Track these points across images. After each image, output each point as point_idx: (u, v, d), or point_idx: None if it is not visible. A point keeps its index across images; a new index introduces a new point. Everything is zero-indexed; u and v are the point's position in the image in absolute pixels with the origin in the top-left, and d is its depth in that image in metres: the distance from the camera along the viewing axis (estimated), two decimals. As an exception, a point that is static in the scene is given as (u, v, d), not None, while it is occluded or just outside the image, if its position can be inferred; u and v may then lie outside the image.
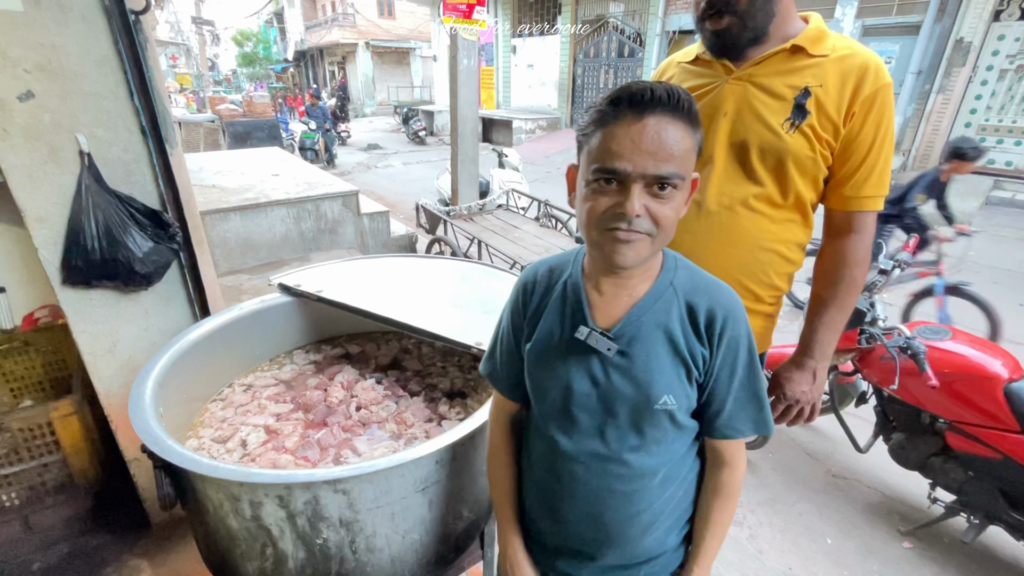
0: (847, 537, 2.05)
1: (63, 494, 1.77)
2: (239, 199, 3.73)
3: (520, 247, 3.77)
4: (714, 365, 0.77)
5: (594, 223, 0.70)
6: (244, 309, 1.51)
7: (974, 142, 3.08)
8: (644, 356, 0.75)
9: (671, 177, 0.66)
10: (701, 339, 0.76)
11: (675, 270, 0.79)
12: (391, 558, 1.06)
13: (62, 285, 1.43)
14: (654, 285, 0.77)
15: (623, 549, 0.84)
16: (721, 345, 0.76)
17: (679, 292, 0.77)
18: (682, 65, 1.18)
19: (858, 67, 0.98)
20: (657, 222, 0.68)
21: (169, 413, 1.15)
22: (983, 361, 1.75)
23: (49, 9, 1.25)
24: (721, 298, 0.77)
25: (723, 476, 0.83)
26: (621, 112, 0.66)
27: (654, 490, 0.81)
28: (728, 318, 0.76)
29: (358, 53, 23.41)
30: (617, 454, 0.79)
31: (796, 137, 1.01)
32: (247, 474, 0.90)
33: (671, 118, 0.65)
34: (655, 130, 0.65)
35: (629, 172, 0.65)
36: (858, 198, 1.05)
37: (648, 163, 0.65)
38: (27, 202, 1.33)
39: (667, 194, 0.67)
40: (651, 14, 10.49)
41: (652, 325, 0.76)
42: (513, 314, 0.88)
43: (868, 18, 7.85)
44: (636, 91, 0.65)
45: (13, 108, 1.26)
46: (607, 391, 0.77)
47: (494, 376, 0.93)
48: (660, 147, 0.64)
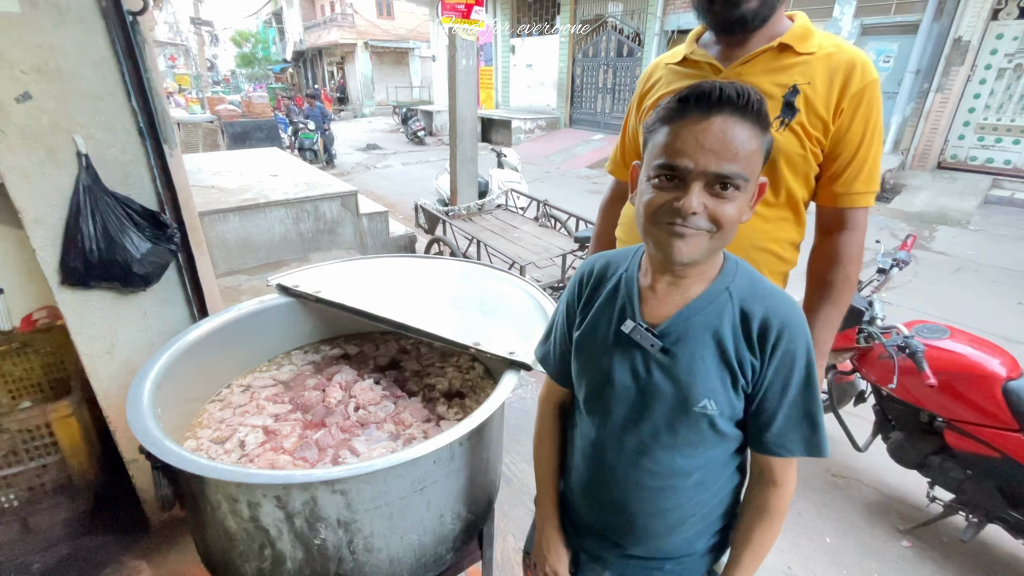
0: (846, 536, 2.05)
1: (62, 495, 1.77)
2: (238, 199, 3.73)
3: (519, 247, 3.77)
4: (764, 376, 0.74)
5: (650, 216, 0.70)
6: (242, 310, 1.51)
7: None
8: (689, 357, 0.74)
9: (734, 177, 0.65)
10: (752, 348, 0.74)
11: (734, 275, 0.77)
12: (389, 558, 1.06)
13: (60, 286, 1.43)
14: (709, 288, 0.76)
15: (647, 542, 0.85)
16: (774, 357, 0.73)
17: (735, 297, 0.75)
18: (670, 66, 1.17)
19: (845, 64, 0.99)
20: (717, 221, 0.67)
21: (167, 414, 1.15)
22: (981, 360, 1.75)
23: (46, 10, 1.25)
24: (779, 308, 0.74)
25: (769, 495, 0.80)
26: (688, 110, 0.66)
27: (686, 491, 0.80)
28: (785, 330, 0.73)
29: (357, 53, 23.41)
30: (649, 449, 0.79)
31: (786, 135, 1.01)
32: (245, 475, 0.90)
33: (739, 118, 0.65)
34: (721, 129, 0.64)
35: (691, 169, 0.65)
36: (849, 194, 1.05)
37: (711, 161, 0.64)
38: (25, 203, 1.33)
39: (729, 194, 0.67)
40: (650, 14, 10.49)
41: (701, 327, 0.74)
42: (568, 302, 0.90)
43: (866, 17, 7.86)
44: (705, 89, 0.65)
45: (11, 109, 1.26)
46: (646, 387, 0.77)
47: (546, 361, 0.96)
48: (724, 146, 0.64)
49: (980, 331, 2.06)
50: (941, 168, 7.84)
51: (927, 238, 5.73)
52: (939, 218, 6.33)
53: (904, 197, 7.03)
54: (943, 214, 6.41)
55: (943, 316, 3.73)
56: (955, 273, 4.79)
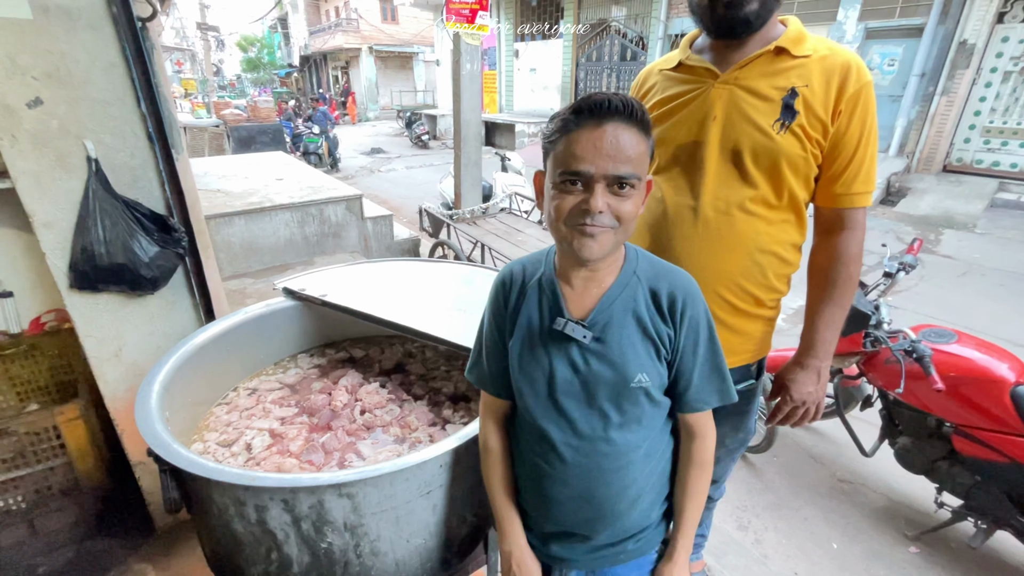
0: (853, 542, 2.04)
1: (68, 498, 1.77)
2: (243, 203, 3.75)
3: (523, 250, 3.77)
4: (679, 343, 0.84)
5: (562, 219, 0.77)
6: (249, 313, 1.52)
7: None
8: (617, 340, 0.82)
9: (629, 177, 0.74)
10: (665, 320, 0.84)
11: (636, 260, 0.87)
12: (395, 562, 1.06)
13: (69, 290, 1.44)
14: (620, 275, 0.85)
15: (614, 525, 0.89)
16: (683, 324, 0.84)
17: (642, 279, 0.85)
18: (664, 72, 1.16)
19: (840, 66, 1.00)
20: (619, 217, 0.75)
21: (175, 417, 1.16)
22: (989, 364, 1.74)
23: (58, 17, 1.26)
24: (679, 281, 0.86)
25: (696, 447, 0.91)
26: (583, 120, 0.73)
27: (638, 464, 0.87)
28: (687, 299, 0.84)
29: (361, 58, 23.54)
30: (603, 434, 0.85)
31: (787, 137, 1.01)
32: (252, 478, 0.90)
33: (627, 125, 0.73)
34: (613, 135, 0.72)
35: (592, 173, 0.73)
36: (849, 195, 1.06)
37: (608, 164, 0.72)
38: (35, 207, 1.35)
39: (626, 192, 0.75)
40: (653, 17, 10.51)
41: (622, 311, 0.83)
42: (495, 312, 0.93)
43: (871, 21, 7.85)
44: (596, 101, 0.73)
45: (22, 115, 1.28)
46: (587, 376, 0.84)
47: (483, 380, 0.97)
48: (618, 150, 0.72)
49: (987, 335, 2.05)
50: (947, 171, 7.80)
51: (933, 242, 5.70)
52: (945, 222, 6.30)
53: (909, 200, 7.00)
54: (949, 217, 6.38)
55: (949, 320, 3.71)
56: (961, 277, 4.76)
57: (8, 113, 1.26)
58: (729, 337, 1.14)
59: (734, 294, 1.11)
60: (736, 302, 1.12)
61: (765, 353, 1.23)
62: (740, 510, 2.20)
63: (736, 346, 1.16)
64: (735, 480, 2.35)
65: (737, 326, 1.14)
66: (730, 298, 1.11)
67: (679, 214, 1.11)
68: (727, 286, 1.10)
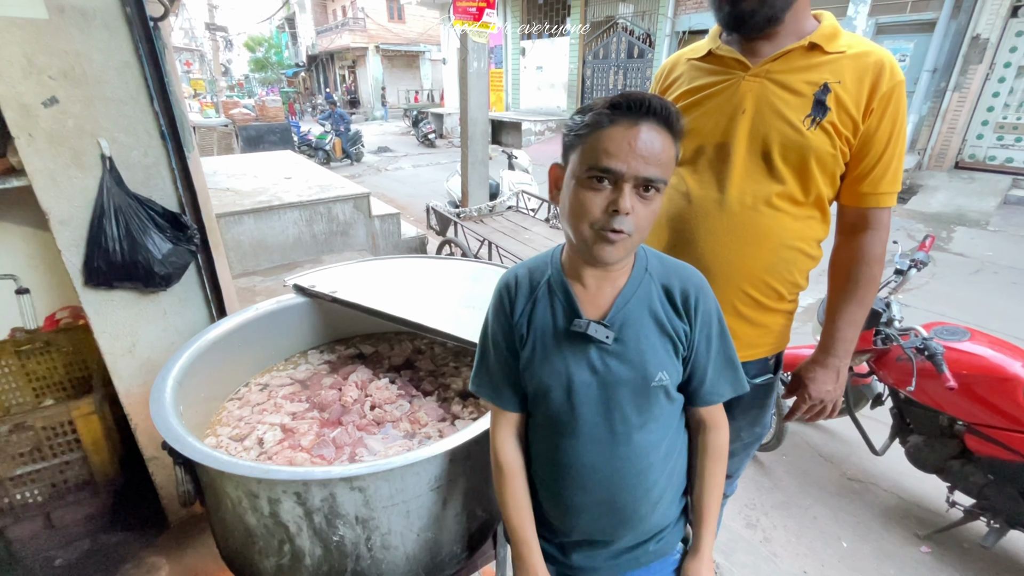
0: (863, 541, 2.02)
1: (84, 491, 1.80)
2: (253, 202, 3.78)
3: (530, 248, 3.77)
4: (694, 338, 0.84)
5: (587, 220, 0.74)
6: (260, 310, 1.53)
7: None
8: (635, 338, 0.81)
9: (657, 180, 0.72)
10: (680, 315, 0.83)
11: (647, 258, 0.86)
12: (406, 556, 1.06)
13: (84, 286, 1.46)
14: (632, 273, 0.84)
15: (636, 528, 0.88)
16: (697, 318, 0.83)
17: (655, 276, 0.84)
18: (692, 62, 1.15)
19: (874, 64, 0.98)
20: (637, 222, 0.73)
21: (188, 411, 1.17)
22: (1002, 362, 1.72)
23: (73, 17, 1.28)
24: (691, 277, 0.85)
25: (711, 438, 0.90)
26: (618, 117, 0.71)
27: (658, 465, 0.86)
28: (700, 294, 0.84)
29: (368, 57, 23.61)
30: (624, 437, 0.83)
31: (818, 134, 1.00)
32: (266, 471, 0.91)
33: (662, 127, 0.72)
34: (648, 136, 0.70)
35: (623, 172, 0.71)
36: (875, 194, 1.04)
37: (640, 165, 0.70)
38: (51, 205, 1.37)
39: (651, 196, 0.73)
40: (661, 15, 10.45)
41: (638, 309, 0.82)
42: (499, 321, 0.88)
43: (882, 16, 7.76)
44: (635, 99, 0.71)
45: (38, 113, 1.30)
46: (606, 378, 0.81)
47: (492, 394, 0.91)
48: (651, 152, 0.70)
49: (1000, 333, 2.03)
50: (959, 168, 7.70)
51: (945, 239, 5.63)
52: (957, 219, 6.22)
53: (921, 197, 6.92)
54: (961, 215, 6.30)
55: (961, 318, 3.67)
56: (974, 275, 4.70)
57: (25, 112, 1.28)
58: (748, 331, 1.13)
59: (758, 289, 1.10)
60: (759, 297, 1.11)
61: (783, 347, 1.22)
62: (749, 508, 2.20)
63: (755, 339, 1.15)
64: (744, 478, 2.34)
65: (758, 319, 1.13)
66: (754, 293, 1.10)
67: (704, 208, 1.09)
68: (751, 281, 1.09)
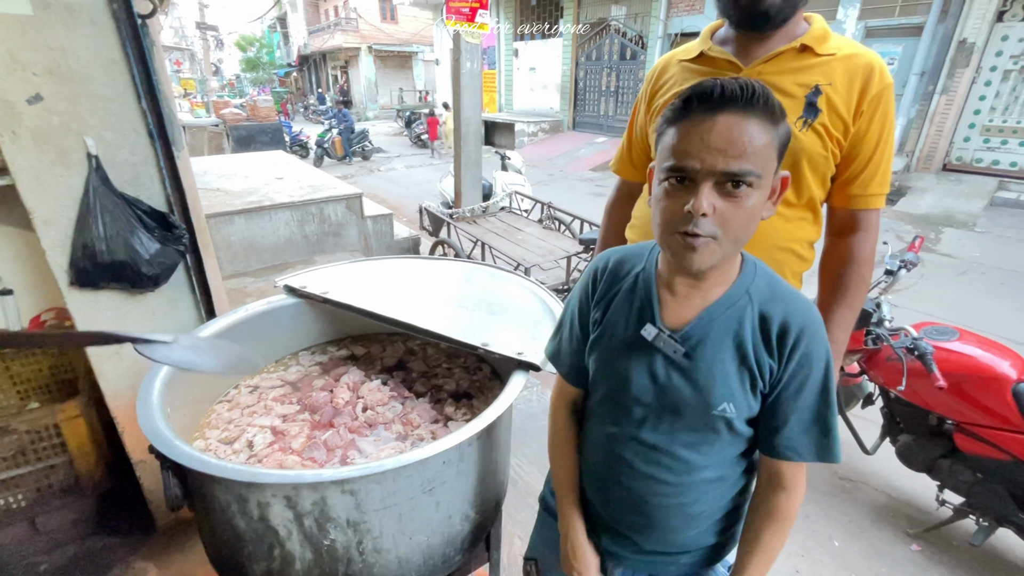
0: (854, 540, 2.04)
1: (69, 496, 1.77)
2: (243, 202, 3.74)
3: (523, 249, 3.77)
4: (781, 378, 0.74)
5: (664, 224, 0.69)
6: (250, 311, 1.51)
7: None
8: (708, 362, 0.74)
9: (744, 174, 0.64)
10: (771, 350, 0.73)
11: (753, 277, 0.76)
12: (398, 559, 1.05)
13: (70, 287, 1.43)
14: (730, 290, 0.75)
15: (664, 537, 0.85)
16: (792, 360, 0.73)
17: (754, 300, 0.74)
18: (683, 63, 1.14)
19: (864, 66, 0.99)
20: (724, 224, 0.65)
21: (176, 414, 1.15)
22: (991, 362, 1.74)
23: (58, 13, 1.26)
24: (799, 311, 0.74)
25: (779, 500, 0.79)
26: (693, 110, 0.66)
27: (705, 486, 0.81)
28: (805, 332, 0.72)
29: (361, 57, 23.53)
30: (668, 447, 0.79)
31: (809, 135, 1.00)
32: (255, 474, 0.90)
33: (745, 114, 0.64)
34: (726, 127, 0.63)
35: (697, 169, 0.64)
36: (865, 196, 1.05)
37: (718, 160, 0.63)
38: (35, 204, 1.34)
39: (741, 192, 0.65)
40: (653, 17, 10.51)
41: (722, 331, 0.74)
42: (581, 299, 0.88)
43: (871, 19, 7.85)
44: (708, 88, 0.65)
45: (22, 111, 1.27)
46: (665, 389, 0.77)
47: (557, 359, 0.94)
48: (731, 144, 0.63)
49: (988, 333, 2.05)
50: (946, 170, 7.81)
51: (933, 240, 5.70)
52: (945, 220, 6.31)
53: (909, 199, 7.00)
54: (949, 216, 6.39)
55: (950, 318, 3.71)
56: (962, 275, 4.76)
57: (8, 109, 1.25)
58: None
59: None
60: None
61: None
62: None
63: None
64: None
65: None
66: None
67: None
68: None
